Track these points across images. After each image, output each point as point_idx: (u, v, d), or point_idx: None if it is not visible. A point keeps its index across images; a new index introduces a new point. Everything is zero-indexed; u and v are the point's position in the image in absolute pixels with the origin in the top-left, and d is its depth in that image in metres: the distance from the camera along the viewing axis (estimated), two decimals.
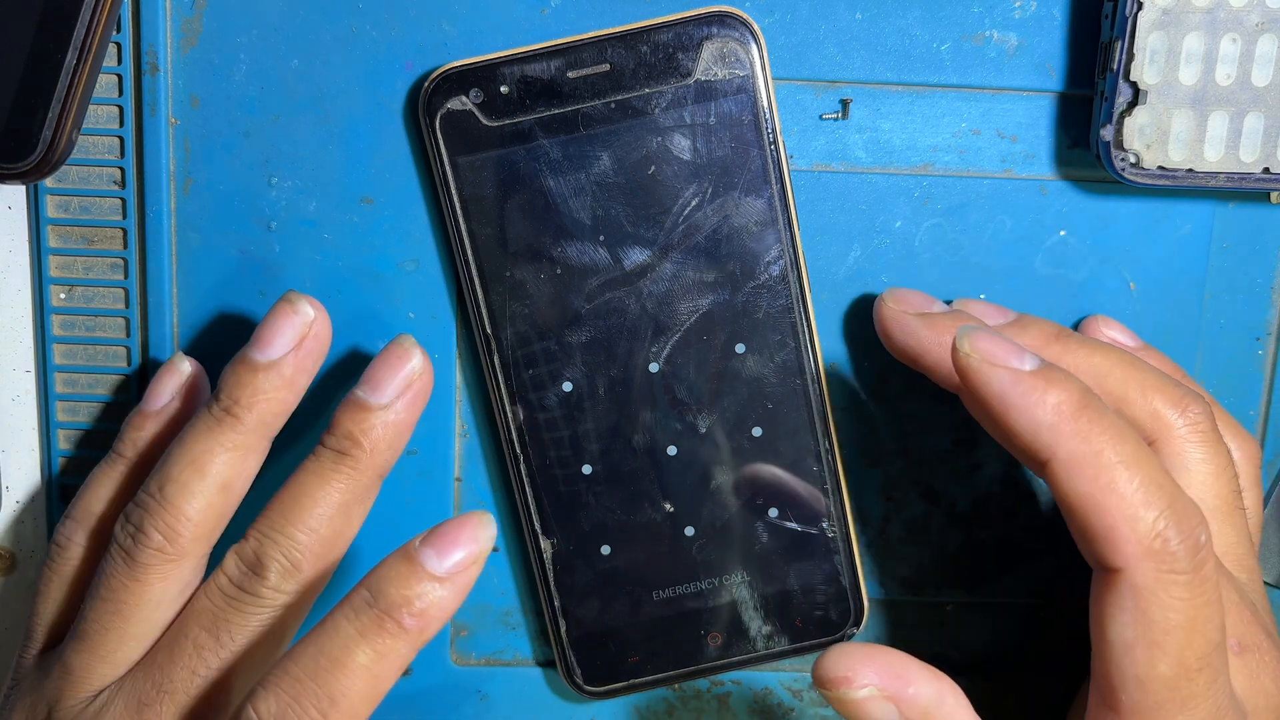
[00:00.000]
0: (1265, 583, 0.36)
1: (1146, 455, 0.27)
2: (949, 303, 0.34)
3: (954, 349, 0.28)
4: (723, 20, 0.31)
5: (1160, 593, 0.26)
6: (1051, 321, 0.32)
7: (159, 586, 0.29)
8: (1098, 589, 0.27)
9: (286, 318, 0.30)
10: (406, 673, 0.36)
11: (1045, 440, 0.27)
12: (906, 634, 0.36)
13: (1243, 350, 0.35)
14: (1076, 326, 0.34)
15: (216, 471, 0.30)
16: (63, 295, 0.34)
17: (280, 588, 0.29)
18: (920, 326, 0.31)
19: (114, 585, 0.29)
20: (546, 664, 0.36)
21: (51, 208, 0.33)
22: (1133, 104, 0.31)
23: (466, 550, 0.27)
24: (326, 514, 0.30)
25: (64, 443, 0.35)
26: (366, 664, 0.26)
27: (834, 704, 0.27)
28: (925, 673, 0.27)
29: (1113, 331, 0.33)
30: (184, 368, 0.32)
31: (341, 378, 0.34)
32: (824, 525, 0.34)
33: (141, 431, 0.32)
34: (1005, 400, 0.27)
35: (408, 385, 0.30)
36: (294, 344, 0.30)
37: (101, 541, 0.32)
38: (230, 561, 0.30)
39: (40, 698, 0.30)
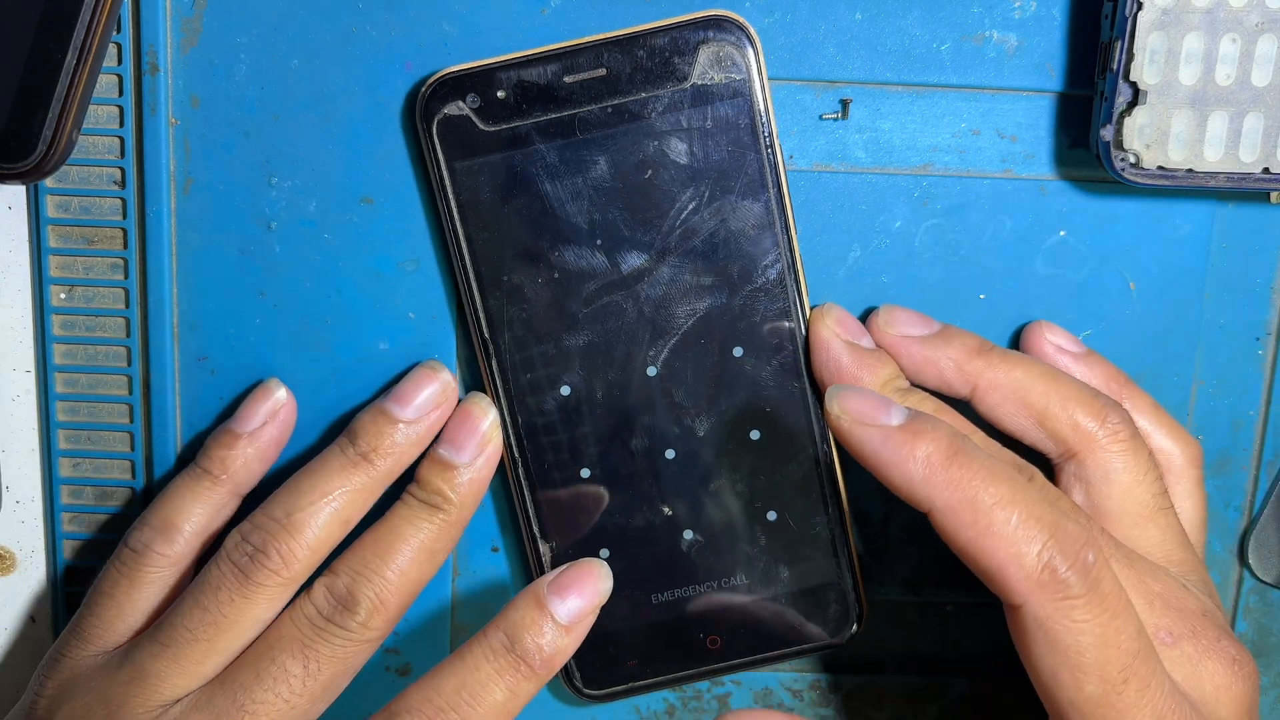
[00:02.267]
0: (1265, 582, 0.36)
1: (1022, 489, 0.28)
2: (871, 310, 0.34)
3: (825, 410, 0.29)
4: (718, 24, 0.31)
5: (1063, 619, 0.27)
6: (974, 335, 0.33)
7: (263, 607, 0.31)
8: (1011, 626, 0.28)
9: (429, 382, 0.32)
10: (407, 673, 0.36)
11: (921, 493, 0.28)
12: (906, 634, 0.36)
13: (1243, 350, 0.35)
14: (1016, 337, 0.34)
15: (341, 507, 0.31)
16: (63, 295, 0.34)
17: (369, 623, 0.30)
18: (844, 354, 0.32)
19: (221, 598, 0.30)
20: None
21: (51, 208, 0.33)
22: (1133, 104, 0.31)
23: (588, 600, 0.29)
24: (415, 557, 0.31)
25: (64, 443, 0.35)
26: (501, 701, 0.28)
27: None
28: None
29: (1056, 338, 0.34)
30: (279, 394, 0.33)
31: (342, 379, 0.34)
32: (822, 527, 0.34)
33: (231, 450, 0.32)
34: (878, 458, 0.28)
35: (486, 442, 0.32)
36: (432, 407, 0.32)
37: (178, 552, 0.32)
38: (320, 593, 0.31)
39: (101, 699, 0.30)
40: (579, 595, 0.29)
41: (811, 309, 0.33)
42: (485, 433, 0.32)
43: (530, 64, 0.31)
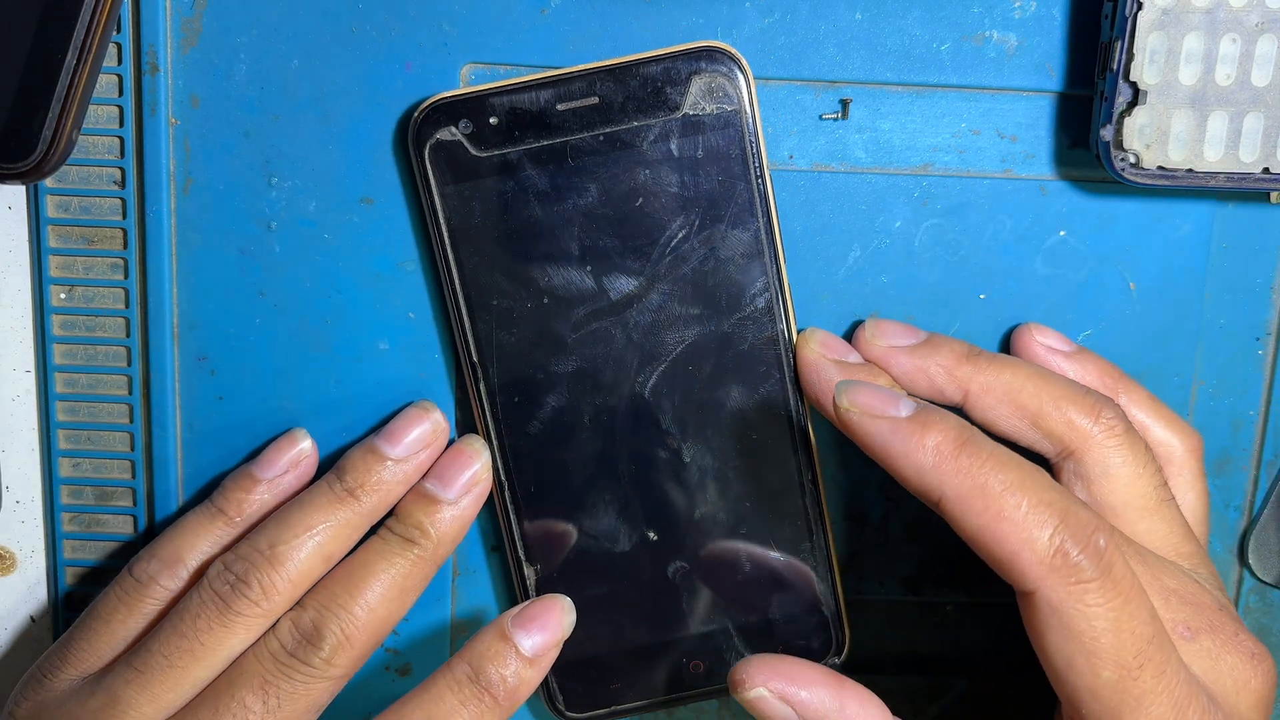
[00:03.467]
0: (1265, 582, 0.36)
1: (1031, 476, 0.28)
2: (860, 322, 0.34)
3: (834, 404, 0.29)
4: (711, 55, 0.31)
5: (1077, 604, 0.27)
6: (962, 341, 0.33)
7: (240, 638, 0.30)
8: (1025, 613, 0.28)
9: (419, 421, 0.33)
10: (408, 673, 0.36)
11: (932, 482, 0.28)
12: (907, 634, 0.36)
13: (1243, 350, 0.35)
14: (1006, 339, 0.34)
15: (324, 542, 0.31)
16: (63, 295, 0.34)
17: (333, 660, 0.30)
18: (834, 372, 0.32)
19: (199, 626, 0.30)
20: None
21: (51, 208, 0.33)
22: (1133, 104, 0.31)
23: (552, 633, 0.30)
24: (386, 594, 0.31)
25: (64, 443, 0.35)
26: None
27: (744, 706, 0.29)
28: (827, 680, 0.29)
29: (1046, 339, 0.34)
30: (304, 444, 0.33)
31: (341, 378, 0.34)
32: (807, 554, 0.34)
33: (249, 494, 0.33)
34: (888, 449, 0.28)
35: (474, 483, 0.32)
36: (421, 447, 0.32)
37: (180, 587, 0.32)
38: (285, 628, 0.31)
39: None
40: (542, 630, 0.30)
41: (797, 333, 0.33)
42: (475, 473, 0.32)
43: (523, 91, 0.31)
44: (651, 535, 0.34)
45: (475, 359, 0.33)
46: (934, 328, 0.34)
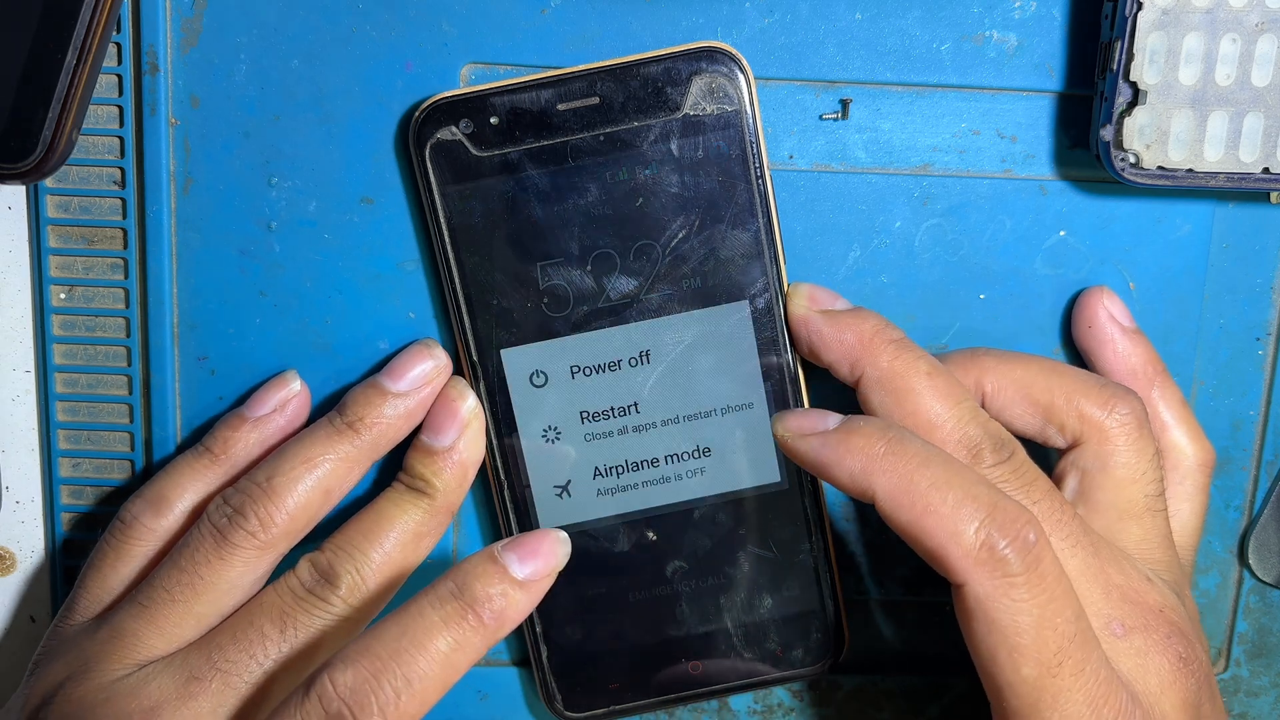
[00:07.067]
0: (1265, 582, 0.36)
1: (959, 472, 0.28)
2: None
3: (774, 435, 0.30)
4: (712, 55, 0.31)
5: (1001, 598, 0.27)
6: (969, 349, 0.33)
7: (239, 570, 0.31)
8: (956, 606, 0.28)
9: (422, 359, 0.33)
10: None
11: (863, 484, 0.28)
12: (906, 634, 0.36)
13: (1243, 350, 0.35)
14: (1073, 304, 0.34)
15: (324, 475, 0.31)
16: (63, 295, 0.34)
17: (348, 600, 0.31)
18: (823, 323, 0.32)
19: (197, 559, 0.30)
20: None
21: (51, 208, 0.33)
22: (1133, 104, 0.31)
23: (544, 561, 0.28)
24: (401, 539, 0.32)
25: (64, 443, 0.35)
26: (445, 651, 0.27)
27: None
28: None
29: (1112, 306, 0.34)
30: (294, 385, 0.33)
31: (342, 379, 0.34)
32: (806, 556, 0.34)
33: (236, 433, 0.33)
34: (822, 462, 0.29)
35: (465, 425, 0.32)
36: (424, 383, 0.32)
37: (169, 525, 0.32)
38: (303, 567, 0.31)
39: (80, 657, 0.30)
40: (535, 556, 0.28)
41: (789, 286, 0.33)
42: (464, 417, 0.32)
43: (524, 90, 0.31)
44: (651, 535, 0.34)
45: (475, 359, 0.33)
46: (934, 328, 0.34)
